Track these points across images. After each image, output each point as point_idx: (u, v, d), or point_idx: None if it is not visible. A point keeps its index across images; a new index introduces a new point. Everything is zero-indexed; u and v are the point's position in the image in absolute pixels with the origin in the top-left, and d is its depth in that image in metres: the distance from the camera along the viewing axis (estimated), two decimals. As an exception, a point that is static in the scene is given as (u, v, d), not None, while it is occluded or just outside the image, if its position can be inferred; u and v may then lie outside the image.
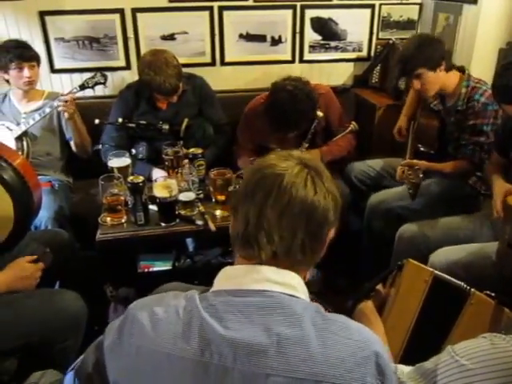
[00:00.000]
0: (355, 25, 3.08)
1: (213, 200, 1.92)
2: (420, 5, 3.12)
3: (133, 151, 2.39)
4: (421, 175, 2.03)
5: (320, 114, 2.35)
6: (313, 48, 3.10)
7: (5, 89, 2.59)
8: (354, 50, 3.16)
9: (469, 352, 0.84)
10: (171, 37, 2.88)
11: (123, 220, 1.89)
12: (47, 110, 2.43)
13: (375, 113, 2.84)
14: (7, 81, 2.45)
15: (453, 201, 2.19)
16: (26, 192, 1.63)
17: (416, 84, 2.11)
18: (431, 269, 1.28)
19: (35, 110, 2.48)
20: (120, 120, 2.33)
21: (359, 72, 3.19)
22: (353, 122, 2.49)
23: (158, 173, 2.26)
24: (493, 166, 2.00)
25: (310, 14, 3.00)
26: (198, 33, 2.91)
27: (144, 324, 0.84)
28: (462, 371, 0.82)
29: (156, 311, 0.85)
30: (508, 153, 1.92)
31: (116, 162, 2.07)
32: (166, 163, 2.15)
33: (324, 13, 3.02)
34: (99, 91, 2.68)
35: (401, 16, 3.12)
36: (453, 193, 2.21)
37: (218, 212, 1.91)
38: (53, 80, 2.91)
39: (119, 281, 2.24)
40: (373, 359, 0.79)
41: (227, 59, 3.02)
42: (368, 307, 1.21)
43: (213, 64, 3.01)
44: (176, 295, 0.89)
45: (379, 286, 1.28)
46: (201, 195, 2.00)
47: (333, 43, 3.11)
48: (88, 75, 2.50)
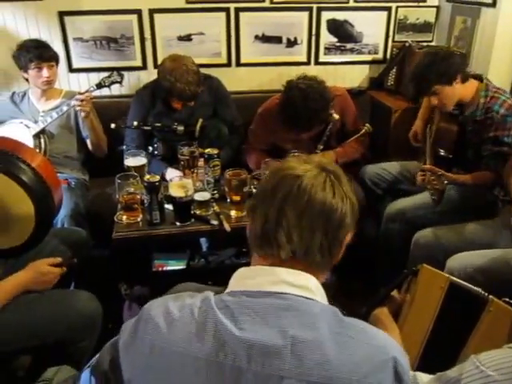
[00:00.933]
0: (371, 27, 3.08)
1: (228, 200, 1.93)
2: (437, 7, 3.10)
3: (149, 149, 2.42)
4: (445, 181, 1.99)
5: (336, 117, 2.35)
6: (328, 50, 3.10)
7: (24, 87, 2.63)
8: (370, 53, 3.15)
9: (495, 362, 0.81)
10: (188, 37, 2.90)
11: (139, 219, 1.90)
12: (64, 109, 2.46)
13: (391, 116, 2.82)
14: (26, 79, 2.49)
15: (472, 208, 2.17)
16: (46, 192, 1.62)
17: (433, 100, 2.10)
18: (447, 274, 1.26)
19: (53, 109, 2.52)
20: (135, 123, 2.35)
21: (374, 74, 3.18)
22: (367, 124, 2.48)
23: (173, 172, 2.27)
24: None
25: (326, 16, 3.00)
26: (215, 34, 2.93)
27: (159, 323, 0.84)
28: (489, 382, 0.80)
29: (171, 311, 0.86)
30: None
31: (132, 161, 2.09)
32: (182, 163, 2.16)
33: (340, 15, 3.02)
34: (115, 90, 2.72)
35: (417, 19, 3.11)
36: (473, 200, 2.19)
37: (233, 212, 1.92)
38: (70, 79, 2.95)
39: (133, 279, 2.25)
40: (390, 365, 0.78)
41: (243, 60, 3.03)
42: (383, 313, 1.20)
43: (228, 65, 3.03)
44: (191, 295, 0.90)
45: (394, 292, 1.27)
46: (216, 195, 2.01)
47: (348, 45, 3.10)
48: (105, 75, 2.53)
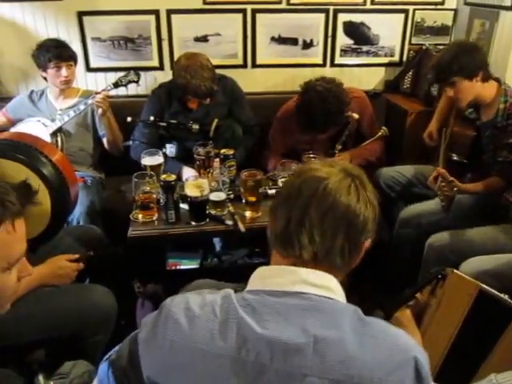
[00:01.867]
0: (388, 30, 3.07)
1: (243, 201, 1.94)
2: (455, 10, 3.08)
3: (164, 150, 2.43)
4: (455, 189, 1.97)
5: (355, 116, 2.35)
6: (344, 52, 3.09)
7: (42, 86, 2.66)
8: (386, 55, 3.14)
9: None
10: (204, 38, 2.92)
11: (154, 217, 1.92)
12: (82, 107, 2.49)
13: (406, 118, 2.81)
14: (45, 78, 2.52)
15: (485, 213, 2.15)
16: (64, 187, 1.66)
17: (449, 91, 2.07)
18: (476, 281, 1.22)
19: (70, 107, 2.54)
20: (152, 118, 2.37)
21: (390, 77, 3.17)
22: (383, 128, 2.48)
23: (188, 171, 2.29)
24: None
25: (343, 18, 3.00)
26: (231, 35, 2.94)
27: (179, 320, 0.85)
28: None
29: (192, 307, 0.86)
30: None
31: (149, 160, 2.10)
32: (198, 163, 2.17)
33: (357, 17, 3.01)
34: (132, 90, 2.74)
35: (435, 21, 3.09)
36: (485, 205, 2.17)
37: (248, 213, 1.93)
38: (88, 78, 2.98)
39: (147, 277, 2.27)
40: (411, 364, 0.78)
41: (258, 61, 3.04)
42: (406, 316, 1.19)
43: (244, 66, 3.04)
44: (211, 293, 0.90)
45: (417, 294, 1.26)
46: (231, 196, 2.02)
47: (365, 48, 3.10)
48: (122, 74, 2.55)
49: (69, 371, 1.34)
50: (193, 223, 1.89)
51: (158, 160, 2.12)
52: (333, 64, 3.11)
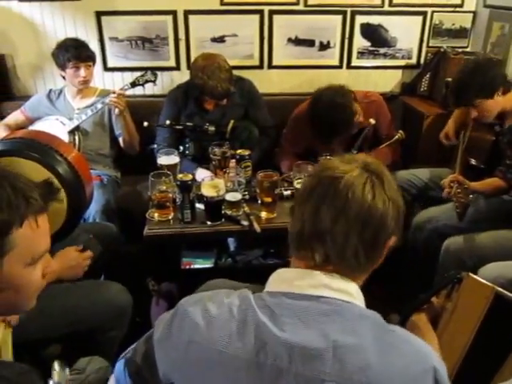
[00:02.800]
0: (405, 32, 3.05)
1: (258, 201, 1.93)
2: (474, 13, 3.05)
3: (180, 148, 2.44)
4: (470, 196, 1.94)
5: (372, 122, 2.34)
6: (361, 54, 3.08)
7: (61, 85, 2.69)
8: (403, 58, 3.12)
9: None
10: (221, 39, 2.93)
11: (170, 217, 1.92)
12: (99, 106, 2.51)
13: (423, 121, 2.79)
14: (63, 77, 2.55)
15: (500, 216, 2.12)
16: (79, 185, 1.66)
17: (473, 113, 2.06)
18: (493, 285, 1.20)
19: (87, 107, 2.56)
20: (167, 122, 2.38)
21: (407, 80, 3.15)
22: (400, 131, 2.46)
23: (203, 173, 2.29)
24: None
25: (360, 20, 2.99)
26: (248, 36, 2.95)
27: (196, 320, 0.84)
28: None
29: (209, 308, 0.86)
30: None
31: (165, 160, 2.11)
32: (214, 163, 2.18)
33: (374, 19, 3.00)
34: (148, 90, 2.76)
35: (453, 24, 3.06)
36: (501, 208, 2.14)
37: (263, 214, 1.92)
38: (105, 78, 3.00)
39: (161, 276, 2.29)
40: (431, 374, 0.77)
41: (275, 63, 3.04)
42: (421, 319, 1.17)
43: (260, 67, 3.04)
44: (228, 293, 0.90)
45: (433, 298, 1.25)
46: (246, 196, 2.02)
47: (382, 50, 3.08)
48: (139, 74, 2.57)
49: (84, 367, 1.35)
50: (208, 223, 1.89)
51: (175, 160, 2.13)
52: (349, 66, 3.10)
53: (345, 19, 2.97)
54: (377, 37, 3.04)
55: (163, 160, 2.11)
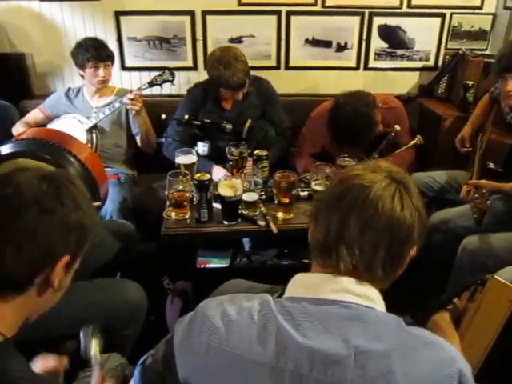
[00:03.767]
0: (424, 34, 3.03)
1: (275, 202, 1.93)
2: (493, 15, 3.02)
3: (196, 148, 2.45)
4: (488, 202, 1.89)
5: (398, 128, 2.32)
6: (378, 56, 3.07)
7: (79, 83, 2.72)
8: (421, 59, 3.10)
9: None
10: (239, 40, 2.94)
11: (187, 216, 1.93)
12: (117, 105, 2.53)
13: (440, 124, 2.77)
14: (82, 76, 2.58)
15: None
16: (92, 186, 1.67)
17: (511, 84, 1.98)
18: None
19: (105, 105, 2.59)
20: (186, 117, 2.39)
21: (425, 82, 3.13)
22: (418, 136, 2.44)
23: (219, 170, 2.30)
24: None
25: (378, 22, 2.98)
26: (265, 36, 2.95)
27: (216, 324, 0.84)
28: None
29: (229, 312, 0.85)
30: None
31: (183, 159, 2.12)
32: (231, 163, 2.18)
33: (392, 20, 2.98)
34: (166, 89, 2.77)
35: (472, 26, 3.04)
36: None
37: (280, 214, 1.92)
38: (123, 77, 3.03)
39: (176, 274, 2.29)
40: (456, 378, 0.76)
41: (292, 63, 3.05)
42: (444, 319, 1.17)
43: (277, 68, 3.05)
44: (248, 297, 0.89)
45: (455, 300, 1.24)
46: (263, 196, 2.02)
47: (399, 51, 3.06)
48: (156, 73, 2.58)
49: (103, 363, 1.36)
50: (225, 223, 1.90)
51: (192, 159, 2.14)
52: (366, 67, 3.09)
53: (362, 20, 2.96)
54: (394, 38, 3.03)
55: (181, 159, 2.12)
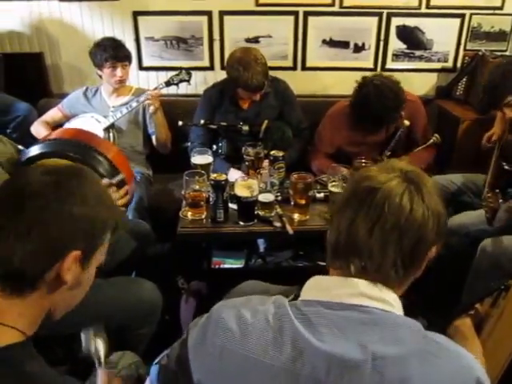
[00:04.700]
0: (442, 34, 3.00)
1: (291, 203, 1.92)
2: (514, 16, 2.98)
3: (214, 147, 2.46)
4: (500, 200, 1.90)
5: (406, 123, 2.30)
6: (396, 56, 3.05)
7: (97, 83, 2.74)
8: (440, 61, 3.07)
9: None
10: (255, 40, 2.94)
11: (203, 216, 1.93)
12: (134, 105, 2.55)
13: (458, 126, 2.74)
14: (100, 76, 2.59)
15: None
16: (121, 184, 1.67)
17: (509, 112, 2.02)
18: None
19: (123, 105, 2.60)
20: (202, 122, 2.40)
21: (443, 83, 3.09)
22: (436, 135, 2.42)
23: (235, 173, 2.30)
24: None
25: (396, 22, 2.95)
26: (282, 37, 2.95)
27: (230, 327, 0.84)
28: None
29: (243, 315, 0.85)
30: None
31: (199, 159, 2.12)
32: (247, 163, 2.18)
33: (411, 21, 2.96)
34: (182, 89, 2.77)
35: (492, 27, 3.00)
36: None
37: (296, 215, 1.91)
38: (140, 77, 3.05)
39: (191, 274, 2.30)
40: None
41: (308, 64, 3.04)
42: (466, 325, 1.15)
43: (294, 68, 3.04)
44: (263, 300, 0.89)
45: (477, 305, 1.22)
46: (279, 197, 2.01)
47: (417, 52, 3.04)
48: (173, 74, 2.59)
49: (117, 361, 1.37)
50: (241, 223, 1.89)
51: (208, 159, 2.14)
52: (384, 68, 3.06)
53: (380, 21, 2.94)
54: (413, 39, 3.00)
55: (197, 159, 2.12)
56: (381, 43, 3.00)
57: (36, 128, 2.67)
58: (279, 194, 2.02)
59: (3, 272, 0.82)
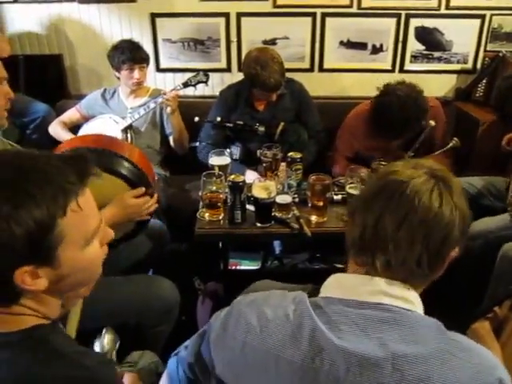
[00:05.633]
0: (462, 35, 2.96)
1: (309, 205, 1.91)
2: (536, 16, 2.93)
3: (228, 151, 2.46)
4: None
5: (432, 123, 2.27)
6: (415, 58, 3.02)
7: (115, 84, 2.76)
8: (459, 62, 3.03)
9: None
10: (273, 41, 2.94)
11: (221, 217, 1.93)
12: (151, 105, 2.56)
13: (477, 128, 2.70)
14: (118, 77, 2.62)
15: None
16: (147, 186, 1.66)
17: None
18: None
19: (140, 106, 2.61)
20: (218, 119, 2.40)
21: (462, 85, 3.06)
22: (455, 138, 2.39)
23: (251, 175, 2.29)
24: None
25: (415, 23, 2.93)
26: (299, 38, 2.95)
27: (251, 322, 0.84)
28: None
29: (264, 311, 0.85)
30: None
31: (217, 160, 2.12)
32: (264, 165, 2.17)
33: (430, 22, 2.93)
34: (199, 91, 2.79)
35: (513, 28, 2.96)
36: None
37: (314, 217, 1.90)
38: (157, 78, 3.07)
39: (207, 275, 2.30)
40: None
41: (326, 66, 3.03)
42: (485, 328, 1.14)
43: (311, 70, 3.03)
44: (283, 296, 0.89)
45: (496, 308, 1.20)
46: (296, 199, 2.00)
47: (436, 54, 3.01)
48: (190, 75, 2.59)
49: (137, 360, 1.38)
50: (258, 224, 1.89)
51: (226, 160, 2.14)
52: (402, 70, 3.04)
53: (399, 22, 2.92)
54: (432, 40, 2.97)
55: (215, 160, 2.12)
56: (399, 44, 2.98)
57: (54, 128, 2.69)
58: (296, 196, 2.01)
59: None
